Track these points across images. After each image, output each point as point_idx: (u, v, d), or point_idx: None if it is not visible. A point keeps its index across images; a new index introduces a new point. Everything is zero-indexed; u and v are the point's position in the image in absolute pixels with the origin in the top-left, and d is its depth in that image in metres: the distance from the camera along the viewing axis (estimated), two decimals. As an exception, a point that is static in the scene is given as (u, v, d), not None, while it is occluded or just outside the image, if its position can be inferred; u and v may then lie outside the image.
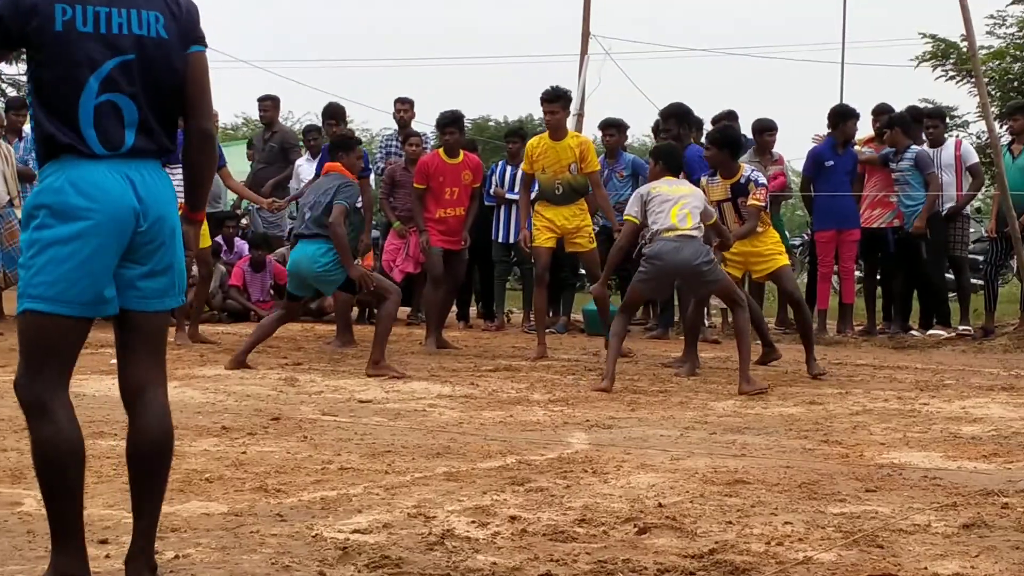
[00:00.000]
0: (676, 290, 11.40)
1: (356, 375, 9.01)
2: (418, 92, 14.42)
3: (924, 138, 12.83)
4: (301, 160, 14.35)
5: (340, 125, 13.34)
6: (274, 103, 15.20)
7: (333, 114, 13.51)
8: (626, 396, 8.22)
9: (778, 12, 72.60)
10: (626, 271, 11.87)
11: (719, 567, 3.98)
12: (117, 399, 3.74)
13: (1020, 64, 22.31)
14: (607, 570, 3.94)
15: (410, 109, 14.51)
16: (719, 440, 6.55)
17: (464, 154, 11.78)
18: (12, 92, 26.64)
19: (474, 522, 4.52)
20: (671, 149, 9.61)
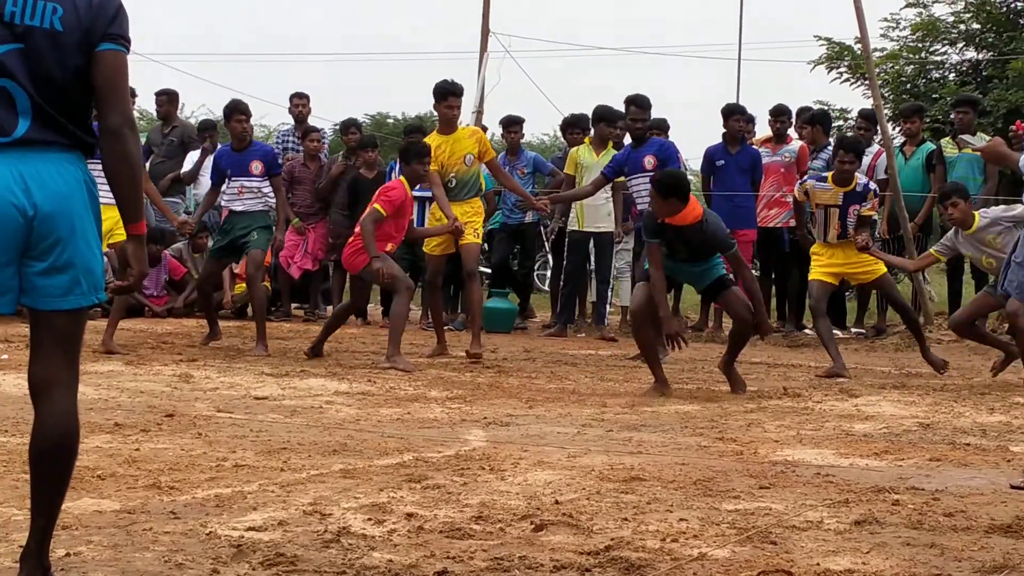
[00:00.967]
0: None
1: (251, 372, 8.93)
2: (314, 88, 14.47)
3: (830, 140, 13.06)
4: (194, 153, 14.34)
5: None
6: (171, 98, 15.08)
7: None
8: (524, 394, 8.23)
9: (685, 12, 73.16)
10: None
11: (615, 563, 3.99)
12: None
13: (913, 67, 22.64)
14: (504, 567, 3.94)
15: (307, 104, 14.53)
16: (616, 437, 6.58)
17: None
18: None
19: (370, 519, 4.50)
20: None
